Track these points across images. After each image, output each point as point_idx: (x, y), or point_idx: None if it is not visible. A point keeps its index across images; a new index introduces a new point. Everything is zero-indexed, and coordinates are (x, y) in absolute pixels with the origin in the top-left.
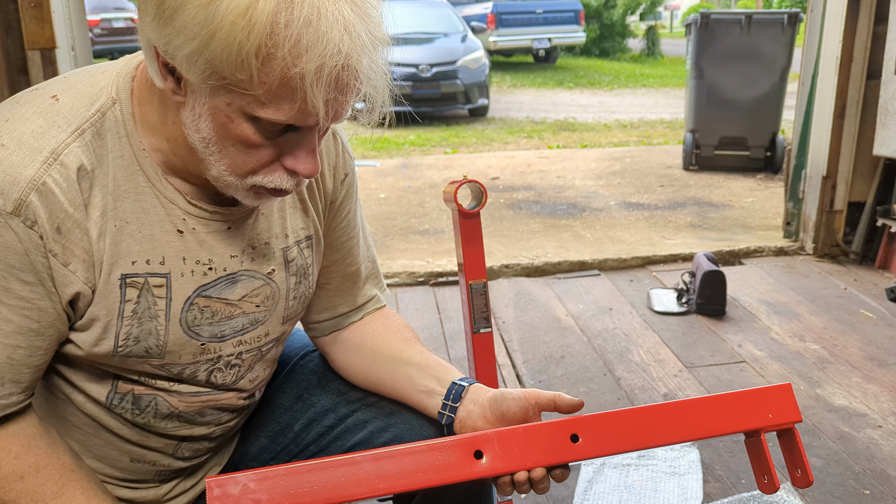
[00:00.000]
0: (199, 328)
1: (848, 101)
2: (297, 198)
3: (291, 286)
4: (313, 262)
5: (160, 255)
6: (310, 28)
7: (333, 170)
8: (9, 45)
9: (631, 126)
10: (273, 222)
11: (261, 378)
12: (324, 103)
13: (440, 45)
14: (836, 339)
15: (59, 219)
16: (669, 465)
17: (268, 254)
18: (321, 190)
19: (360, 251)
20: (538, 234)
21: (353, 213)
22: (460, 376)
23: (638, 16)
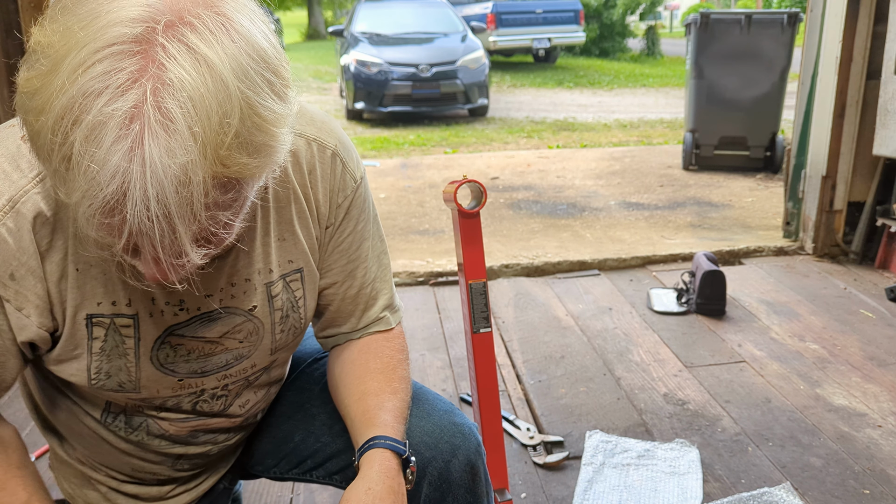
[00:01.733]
0: (173, 365)
1: (847, 100)
2: (284, 229)
3: (277, 320)
4: (304, 295)
5: (126, 298)
6: (76, 167)
7: (330, 194)
8: (8, 45)
9: (631, 126)
10: (255, 258)
11: (252, 402)
12: (96, 231)
13: (440, 45)
14: (835, 339)
15: (13, 266)
16: (669, 465)
17: (248, 290)
18: (315, 217)
19: (364, 273)
20: (538, 233)
21: (356, 234)
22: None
23: (638, 15)
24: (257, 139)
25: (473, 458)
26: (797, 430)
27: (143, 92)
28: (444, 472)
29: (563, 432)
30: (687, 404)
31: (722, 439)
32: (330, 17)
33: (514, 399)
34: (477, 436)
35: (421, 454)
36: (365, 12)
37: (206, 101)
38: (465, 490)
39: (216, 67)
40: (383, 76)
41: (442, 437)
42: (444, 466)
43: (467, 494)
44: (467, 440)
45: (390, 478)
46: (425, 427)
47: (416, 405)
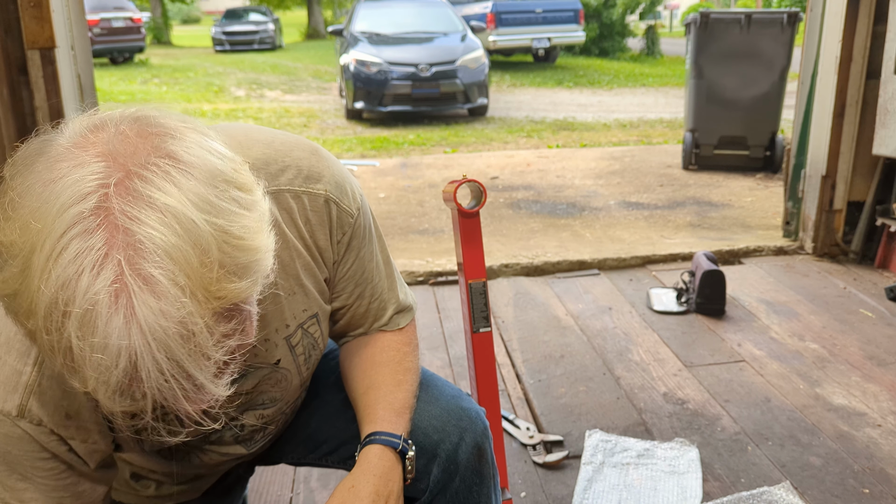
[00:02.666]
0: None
1: (847, 100)
2: (293, 283)
3: (301, 363)
4: (321, 332)
5: None
6: (83, 353)
7: (330, 236)
8: (8, 44)
9: (630, 125)
10: (269, 318)
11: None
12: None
13: (439, 45)
14: (835, 339)
15: (64, 406)
16: (669, 464)
17: (269, 348)
18: (321, 261)
19: (372, 292)
20: (538, 233)
21: (360, 261)
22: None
23: (637, 15)
24: (241, 260)
25: (480, 441)
26: (797, 429)
27: (118, 263)
28: (451, 455)
29: (563, 431)
30: (686, 404)
31: (721, 438)
32: (329, 17)
33: (514, 398)
34: (484, 420)
35: (429, 437)
36: (364, 12)
37: (181, 250)
38: (472, 472)
39: (179, 211)
40: (383, 76)
41: (449, 421)
42: (452, 449)
43: (474, 476)
44: (474, 423)
45: (378, 476)
46: (433, 411)
47: (424, 391)
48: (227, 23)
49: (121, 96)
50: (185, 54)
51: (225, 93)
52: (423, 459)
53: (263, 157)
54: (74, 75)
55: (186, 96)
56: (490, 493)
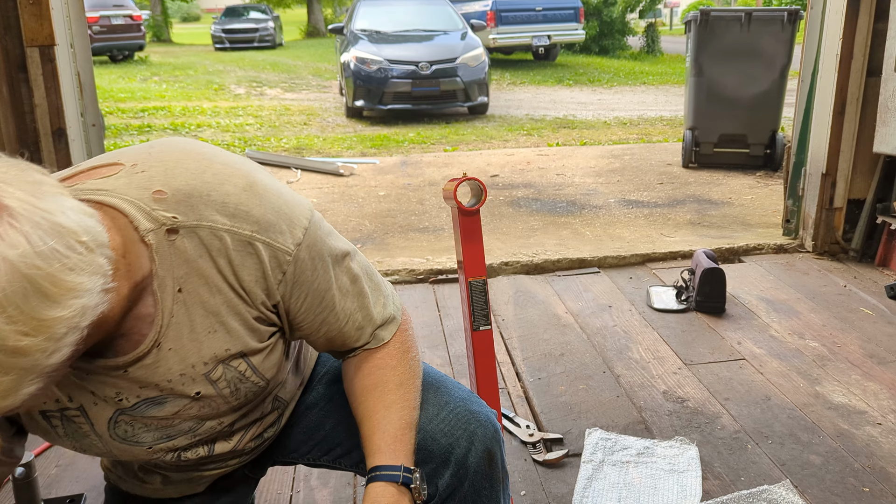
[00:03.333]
0: (135, 437)
1: (848, 98)
2: (214, 321)
3: (228, 394)
4: (250, 366)
5: (66, 395)
6: None
7: (261, 279)
8: (7, 42)
9: (630, 123)
10: (186, 354)
11: (245, 434)
12: None
13: (440, 43)
14: (835, 337)
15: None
16: (668, 463)
17: (186, 382)
18: (249, 301)
19: (336, 318)
20: (538, 231)
21: (314, 293)
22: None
23: (637, 13)
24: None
25: (490, 445)
26: (797, 427)
27: None
28: (461, 460)
29: (563, 430)
30: (686, 402)
31: (721, 437)
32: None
33: (514, 396)
34: (494, 423)
35: (437, 441)
36: (365, 10)
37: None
38: (481, 476)
39: None
40: (383, 74)
41: (458, 425)
42: (462, 454)
43: (484, 480)
44: (484, 427)
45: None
46: (442, 415)
47: (433, 393)
48: (226, 21)
49: (120, 94)
50: (185, 52)
51: (225, 91)
52: (431, 464)
53: (186, 189)
54: (74, 73)
55: (186, 94)
56: (499, 498)
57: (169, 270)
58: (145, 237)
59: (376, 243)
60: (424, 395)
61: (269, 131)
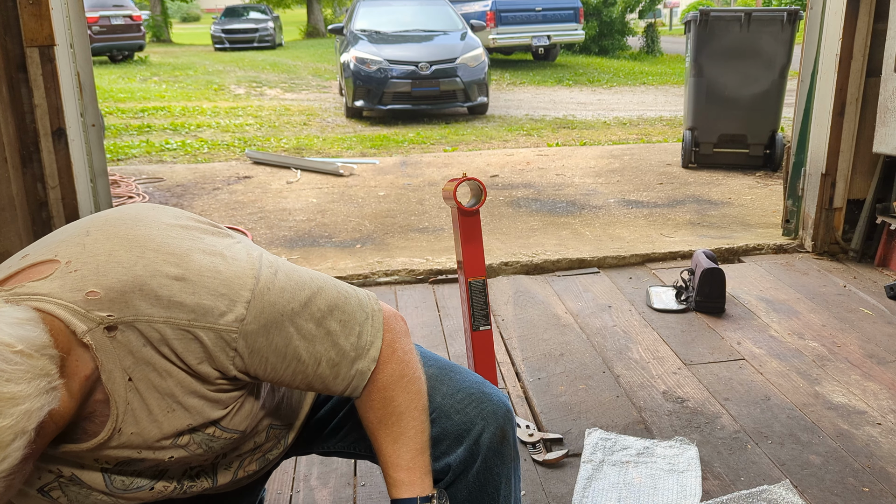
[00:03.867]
0: (134, 484)
1: (847, 98)
2: (171, 401)
3: (201, 453)
4: (218, 427)
5: (57, 468)
6: None
7: (209, 361)
8: (7, 42)
9: (630, 124)
10: (147, 435)
11: (238, 463)
12: None
13: (439, 43)
14: (835, 337)
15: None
16: (668, 463)
17: (157, 451)
18: (204, 379)
19: (305, 367)
20: (537, 231)
21: (275, 352)
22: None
23: (637, 13)
24: None
25: (503, 423)
26: (796, 427)
27: None
28: (475, 437)
29: (563, 430)
30: (686, 402)
31: (721, 437)
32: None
33: (514, 396)
34: (507, 404)
35: (452, 419)
36: (364, 10)
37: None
38: (494, 453)
39: None
40: (383, 74)
41: (471, 404)
42: (476, 432)
43: (496, 458)
44: (497, 407)
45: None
46: (456, 395)
47: (448, 375)
48: (226, 21)
49: (120, 94)
50: (185, 52)
51: (225, 91)
52: (446, 441)
53: (118, 287)
54: (73, 73)
55: (186, 94)
56: (510, 475)
57: (116, 363)
58: (83, 339)
59: (376, 243)
60: (440, 377)
61: (269, 131)
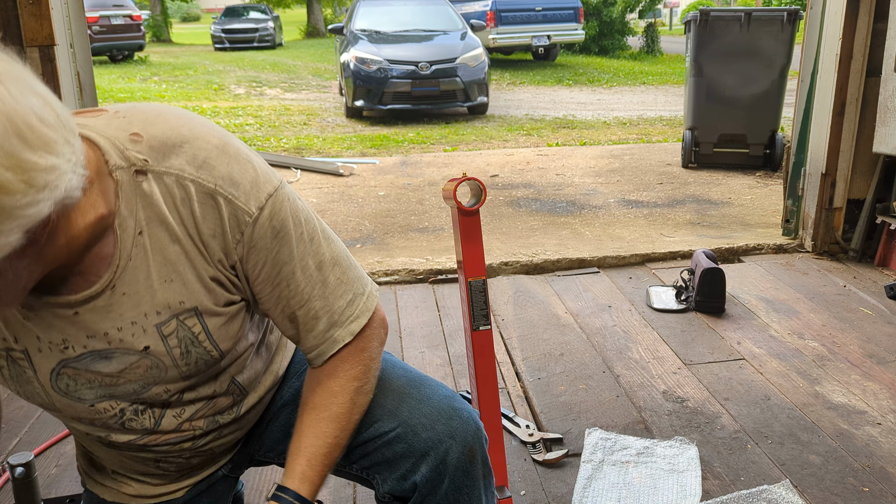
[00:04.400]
0: (77, 392)
1: (847, 98)
2: (170, 269)
3: (177, 356)
4: (204, 329)
5: (12, 335)
6: None
7: (220, 235)
8: (7, 42)
9: (630, 123)
10: (139, 300)
11: (191, 412)
12: None
13: (439, 43)
14: (835, 337)
15: None
16: (668, 463)
17: (136, 332)
18: (207, 257)
19: (291, 297)
20: (537, 231)
21: (275, 262)
22: (286, 485)
23: (637, 13)
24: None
25: (472, 442)
26: (796, 427)
27: None
28: (441, 454)
29: (563, 430)
30: (686, 402)
31: (721, 437)
32: (329, 15)
33: (514, 396)
34: (477, 421)
35: (418, 435)
36: (364, 10)
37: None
38: (462, 473)
39: None
40: (383, 74)
41: (440, 420)
42: (442, 448)
43: (464, 477)
44: (466, 423)
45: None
46: (424, 410)
47: (416, 388)
48: (226, 21)
49: (120, 94)
50: (185, 52)
51: (225, 91)
52: (411, 459)
53: (161, 137)
54: (73, 73)
55: (186, 94)
56: (480, 496)
57: (132, 212)
58: (113, 172)
59: (376, 243)
60: (408, 389)
61: (269, 131)
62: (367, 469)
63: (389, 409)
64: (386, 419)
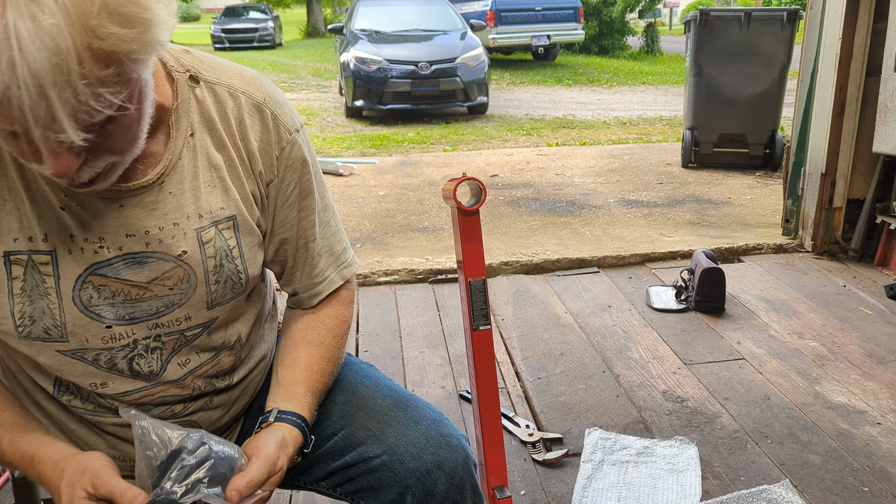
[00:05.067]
0: (98, 308)
1: (847, 98)
2: (214, 175)
3: (210, 269)
4: (238, 244)
5: (42, 232)
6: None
7: (264, 146)
8: None
9: (630, 123)
10: (184, 201)
11: (195, 363)
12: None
13: (439, 43)
14: (835, 337)
15: None
16: (668, 462)
17: (177, 234)
18: (248, 168)
19: (311, 226)
20: (537, 231)
21: (301, 186)
22: (287, 407)
23: (637, 13)
24: (127, 10)
25: (460, 472)
26: (796, 427)
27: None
28: (428, 486)
29: (563, 429)
30: (686, 401)
31: (721, 436)
32: (329, 15)
33: (514, 396)
34: (466, 448)
35: (405, 465)
36: (364, 10)
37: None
38: (458, 477)
39: None
40: (383, 73)
41: (427, 448)
42: (429, 479)
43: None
44: (454, 452)
45: (286, 452)
46: (411, 437)
47: (403, 412)
48: (226, 20)
49: None
50: None
51: None
52: (397, 489)
53: (209, 60)
54: None
55: None
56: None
57: (185, 113)
58: (172, 72)
59: (376, 243)
60: (394, 412)
61: None
62: (352, 494)
63: (374, 433)
64: (371, 443)
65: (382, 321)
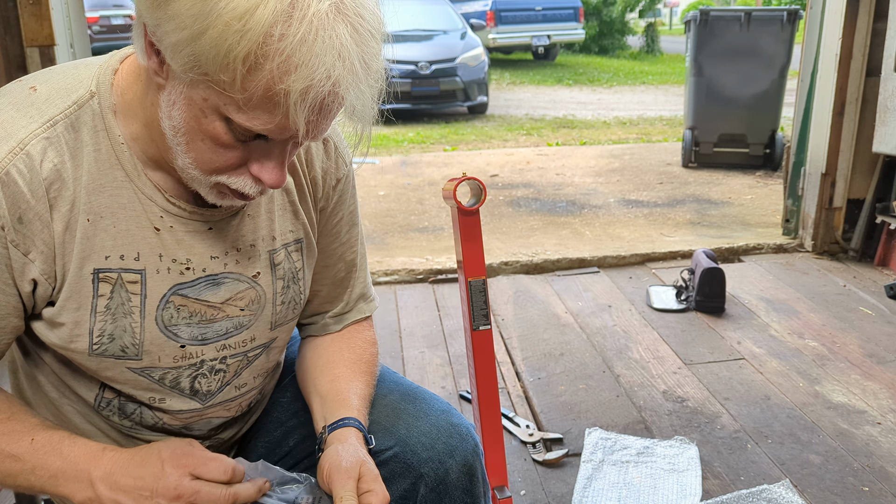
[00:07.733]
0: (176, 328)
1: (847, 98)
2: (286, 199)
3: (279, 290)
4: (304, 267)
5: (135, 251)
6: (304, 46)
7: (324, 175)
8: (7, 42)
9: (630, 123)
10: (260, 223)
11: (250, 386)
12: (304, 123)
13: (439, 43)
14: (835, 337)
15: (21, 209)
16: (668, 462)
17: (253, 256)
18: (312, 194)
19: (353, 257)
20: (537, 231)
21: (349, 217)
22: (340, 417)
23: (637, 13)
24: (378, 65)
25: (471, 460)
26: (796, 427)
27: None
28: (441, 474)
29: (563, 429)
30: (686, 401)
31: (721, 436)
32: None
33: (514, 396)
34: (474, 436)
35: (417, 455)
36: None
37: (375, 19)
38: (462, 491)
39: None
40: None
41: (439, 438)
42: (442, 468)
43: (465, 496)
44: (464, 441)
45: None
46: (422, 427)
47: (412, 404)
48: None
49: None
50: None
51: None
52: (409, 478)
53: None
54: None
55: None
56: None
57: None
58: None
59: (376, 243)
60: (403, 404)
61: None
62: None
63: (385, 426)
64: (382, 436)
65: (382, 321)
